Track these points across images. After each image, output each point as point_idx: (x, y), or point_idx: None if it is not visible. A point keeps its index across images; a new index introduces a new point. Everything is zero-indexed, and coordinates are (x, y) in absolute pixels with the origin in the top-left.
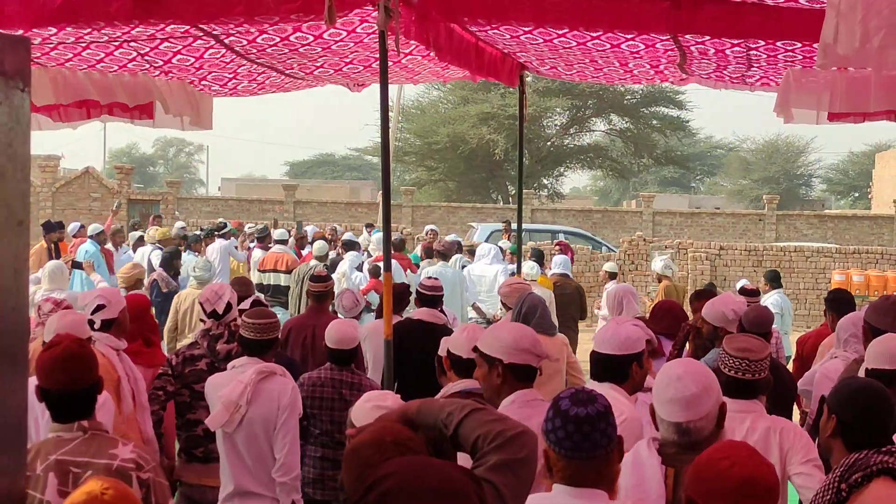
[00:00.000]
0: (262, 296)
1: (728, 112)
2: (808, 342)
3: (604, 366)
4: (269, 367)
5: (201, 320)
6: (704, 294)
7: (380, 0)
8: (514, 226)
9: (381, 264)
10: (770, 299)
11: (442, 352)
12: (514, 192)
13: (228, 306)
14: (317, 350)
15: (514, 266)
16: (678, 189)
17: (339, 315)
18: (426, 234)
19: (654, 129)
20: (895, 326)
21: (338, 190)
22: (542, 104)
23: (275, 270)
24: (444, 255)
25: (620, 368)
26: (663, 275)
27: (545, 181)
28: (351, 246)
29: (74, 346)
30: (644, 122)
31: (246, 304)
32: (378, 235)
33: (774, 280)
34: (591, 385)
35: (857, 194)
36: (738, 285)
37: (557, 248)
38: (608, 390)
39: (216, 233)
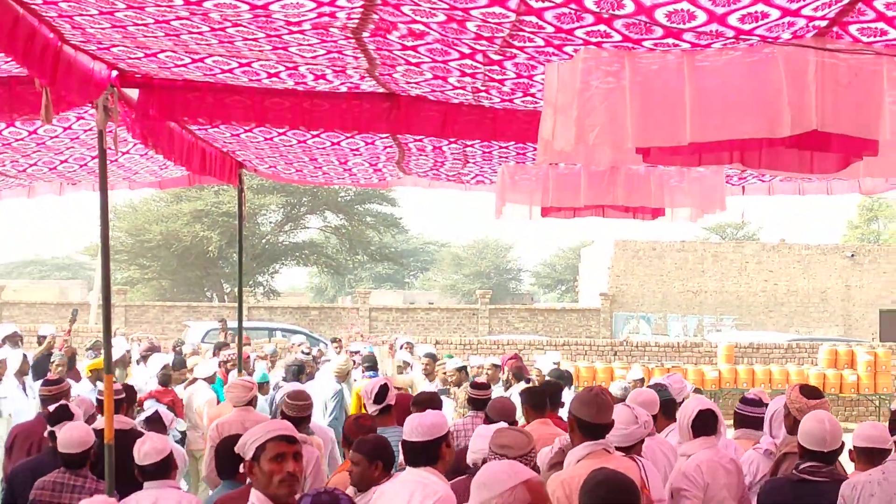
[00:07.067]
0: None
1: (440, 209)
2: None
3: (415, 453)
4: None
5: None
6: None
7: (98, 99)
8: (230, 324)
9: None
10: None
11: None
12: (229, 289)
13: None
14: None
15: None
16: (393, 285)
17: None
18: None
19: (368, 226)
20: (599, 417)
21: (47, 290)
22: (257, 201)
23: None
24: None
25: (430, 452)
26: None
27: (261, 279)
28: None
29: None
30: (358, 219)
31: None
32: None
33: (565, 378)
34: (408, 471)
35: (564, 288)
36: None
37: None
38: (425, 473)
39: None
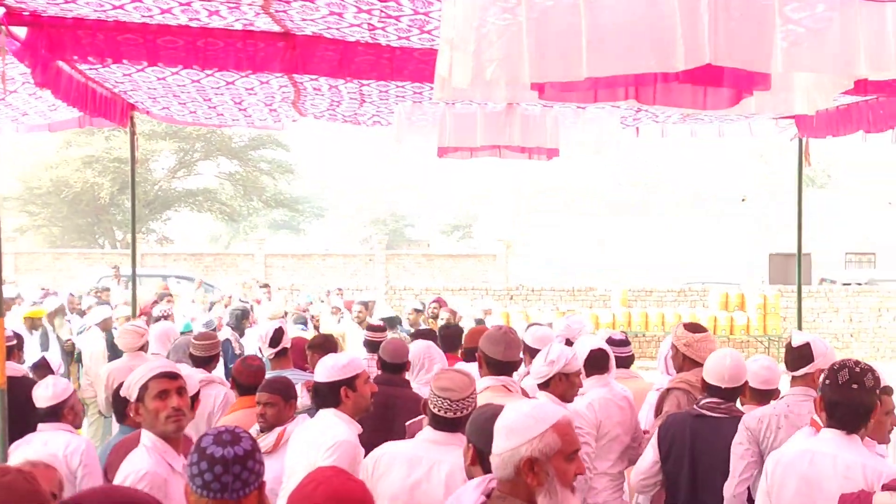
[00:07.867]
0: None
1: (336, 155)
2: None
3: (316, 393)
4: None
5: None
6: None
7: None
8: (123, 271)
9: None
10: None
11: None
12: (121, 236)
13: None
14: None
15: None
16: (288, 231)
17: None
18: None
19: (263, 172)
20: (506, 354)
21: None
22: (149, 147)
23: None
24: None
25: (332, 394)
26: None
27: (153, 225)
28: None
29: None
30: (252, 165)
31: None
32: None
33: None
34: (318, 414)
35: (461, 234)
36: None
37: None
38: (331, 416)
39: None
